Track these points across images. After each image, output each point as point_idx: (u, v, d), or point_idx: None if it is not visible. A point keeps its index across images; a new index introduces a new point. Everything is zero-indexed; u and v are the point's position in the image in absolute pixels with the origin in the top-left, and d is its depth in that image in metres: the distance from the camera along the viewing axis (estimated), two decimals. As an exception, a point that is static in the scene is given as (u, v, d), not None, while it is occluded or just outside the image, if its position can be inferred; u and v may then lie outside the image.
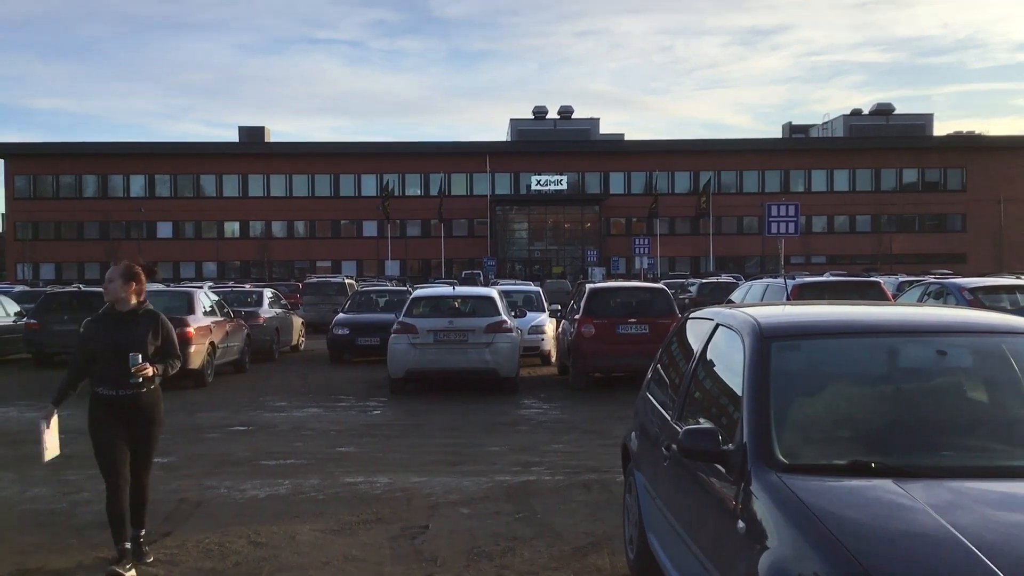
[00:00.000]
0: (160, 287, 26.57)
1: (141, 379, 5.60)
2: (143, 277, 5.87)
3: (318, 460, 9.22)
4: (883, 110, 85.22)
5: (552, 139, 79.90)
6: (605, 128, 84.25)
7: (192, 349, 15.13)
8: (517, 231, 79.64)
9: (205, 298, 17.01)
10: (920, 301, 14.89)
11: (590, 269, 62.18)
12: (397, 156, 76.81)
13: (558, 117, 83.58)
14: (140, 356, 5.59)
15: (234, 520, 6.92)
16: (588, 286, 16.79)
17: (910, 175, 78.88)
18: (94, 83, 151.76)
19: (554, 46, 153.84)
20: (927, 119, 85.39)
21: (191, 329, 15.23)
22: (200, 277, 69.16)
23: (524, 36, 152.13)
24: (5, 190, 76.96)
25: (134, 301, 5.81)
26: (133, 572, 5.48)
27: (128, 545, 5.58)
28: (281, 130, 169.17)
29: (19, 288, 34.43)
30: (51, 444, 5.78)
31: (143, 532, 5.93)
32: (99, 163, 75.58)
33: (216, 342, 16.17)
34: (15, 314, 20.84)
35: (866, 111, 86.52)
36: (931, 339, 4.18)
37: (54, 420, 5.82)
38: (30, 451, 9.88)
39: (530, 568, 5.72)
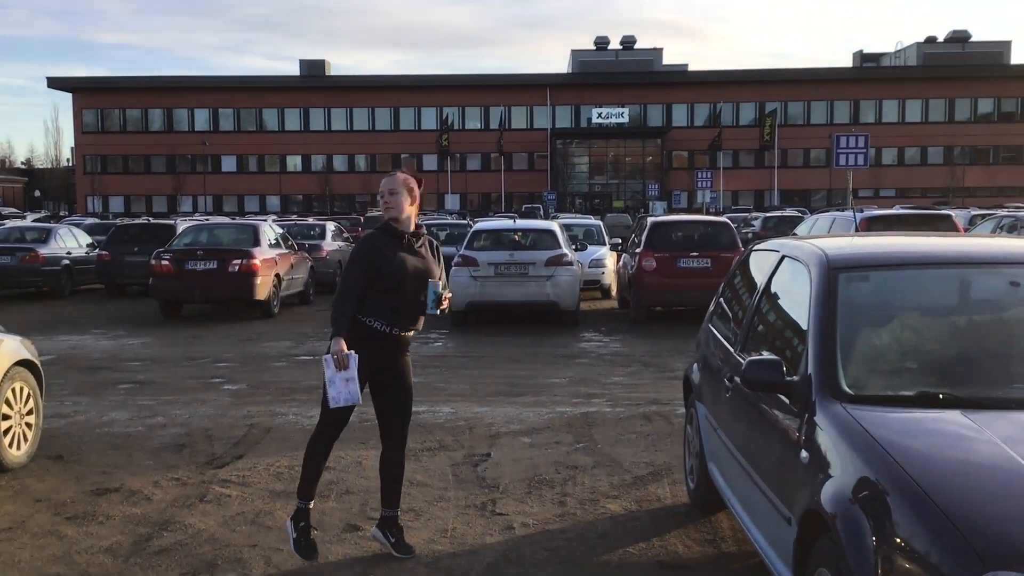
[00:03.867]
0: (225, 220, 27.08)
1: (440, 312, 4.75)
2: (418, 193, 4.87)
3: (382, 389, 9.38)
4: (959, 37, 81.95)
5: (614, 70, 78.55)
6: (668, 59, 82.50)
7: (258, 281, 15.43)
8: (577, 165, 79.02)
9: (270, 231, 17.26)
10: (993, 234, 14.50)
11: (651, 203, 61.60)
12: (457, 89, 76.32)
13: (620, 48, 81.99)
14: (440, 284, 4.73)
15: (302, 445, 7.02)
16: (650, 219, 16.65)
17: (986, 105, 76.13)
18: (157, 16, 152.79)
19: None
20: (1005, 46, 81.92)
21: (257, 261, 15.50)
22: (263, 211, 70.18)
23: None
24: (74, 124, 78.46)
25: (414, 220, 4.86)
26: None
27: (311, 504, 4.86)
28: (341, 63, 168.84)
29: (90, 220, 35.35)
30: (342, 387, 4.61)
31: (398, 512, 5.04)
32: (164, 97, 76.52)
33: (281, 274, 16.44)
34: (87, 246, 21.40)
35: (941, 38, 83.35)
36: (1004, 270, 4.08)
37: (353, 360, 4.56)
38: (105, 377, 10.27)
39: (591, 496, 5.80)
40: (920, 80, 75.79)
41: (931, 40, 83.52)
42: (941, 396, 3.34)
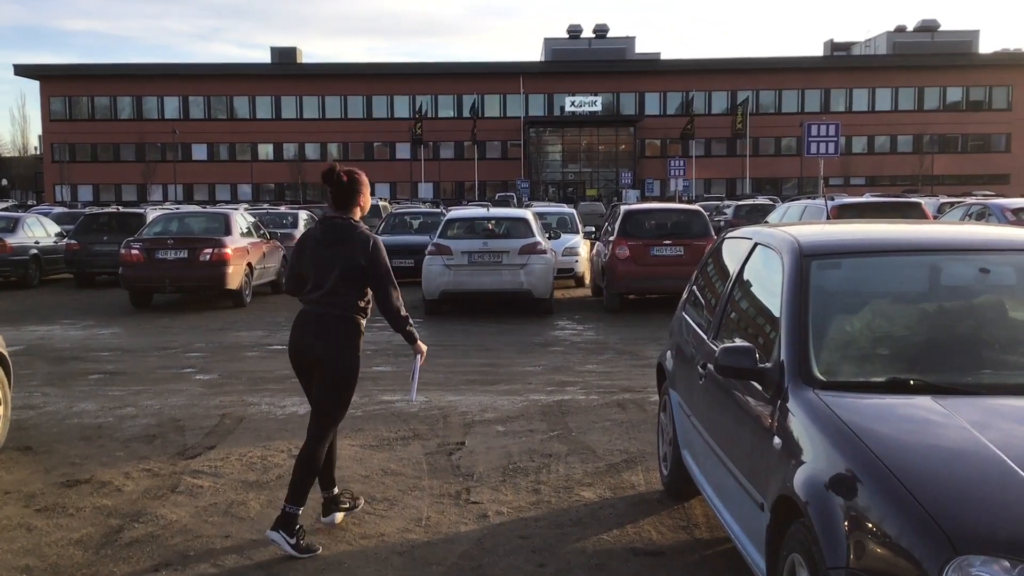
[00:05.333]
0: (196, 208, 26.84)
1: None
2: None
3: (355, 378, 9.34)
4: (928, 27, 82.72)
5: (587, 59, 78.54)
6: (641, 47, 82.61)
7: (230, 270, 15.31)
8: (551, 153, 79.02)
9: (242, 219, 17.12)
10: (962, 222, 14.66)
11: (624, 191, 61.75)
12: (430, 77, 76.04)
13: (593, 36, 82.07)
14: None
15: (275, 435, 7.07)
16: (623, 207, 16.67)
17: (954, 94, 76.90)
18: (125, 3, 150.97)
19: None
20: (973, 35, 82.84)
21: (228, 250, 15.38)
22: (235, 199, 69.63)
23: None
24: (42, 112, 77.39)
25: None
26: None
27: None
28: (313, 51, 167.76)
29: (58, 209, 34.91)
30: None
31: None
32: (133, 85, 75.66)
33: (253, 263, 16.32)
34: (56, 235, 21.14)
35: (910, 27, 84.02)
36: (974, 257, 4.12)
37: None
38: (75, 368, 10.16)
39: (565, 484, 5.81)
40: (890, 69, 76.38)
41: (900, 29, 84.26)
42: (912, 382, 3.37)
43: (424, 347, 5.14)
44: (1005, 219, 13.64)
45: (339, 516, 5.14)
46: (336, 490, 5.17)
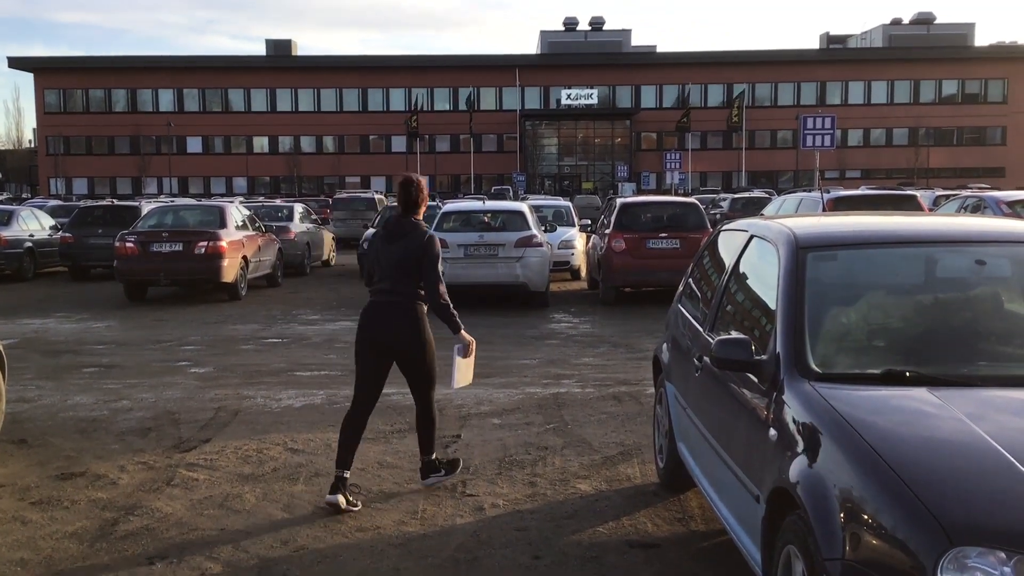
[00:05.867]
0: (191, 201, 26.79)
1: None
2: None
3: (351, 371, 9.24)
4: (923, 19, 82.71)
5: (583, 51, 78.45)
6: (637, 40, 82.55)
7: (225, 263, 15.28)
8: (547, 146, 78.95)
9: (237, 212, 17.08)
10: (957, 214, 14.66)
11: (620, 184, 61.72)
12: (426, 70, 75.91)
13: (589, 28, 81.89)
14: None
15: (271, 428, 7.07)
16: (619, 200, 16.65)
17: (950, 87, 76.95)
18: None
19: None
20: (969, 28, 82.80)
21: (223, 243, 15.35)
22: (230, 192, 69.55)
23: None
24: (36, 105, 77.15)
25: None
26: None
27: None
28: (308, 44, 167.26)
29: (53, 202, 34.82)
30: (465, 372, 5.62)
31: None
32: (128, 77, 75.42)
33: (248, 256, 16.29)
34: (50, 228, 21.08)
35: (906, 20, 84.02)
36: (970, 248, 4.12)
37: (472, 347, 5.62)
38: (69, 361, 10.14)
39: (561, 476, 5.81)
40: (885, 62, 76.41)
41: (896, 22, 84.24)
42: (908, 374, 3.37)
43: (469, 337, 5.54)
44: (1000, 211, 13.64)
45: (434, 479, 5.68)
46: (435, 455, 5.74)
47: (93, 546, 4.74)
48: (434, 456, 5.72)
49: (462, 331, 5.50)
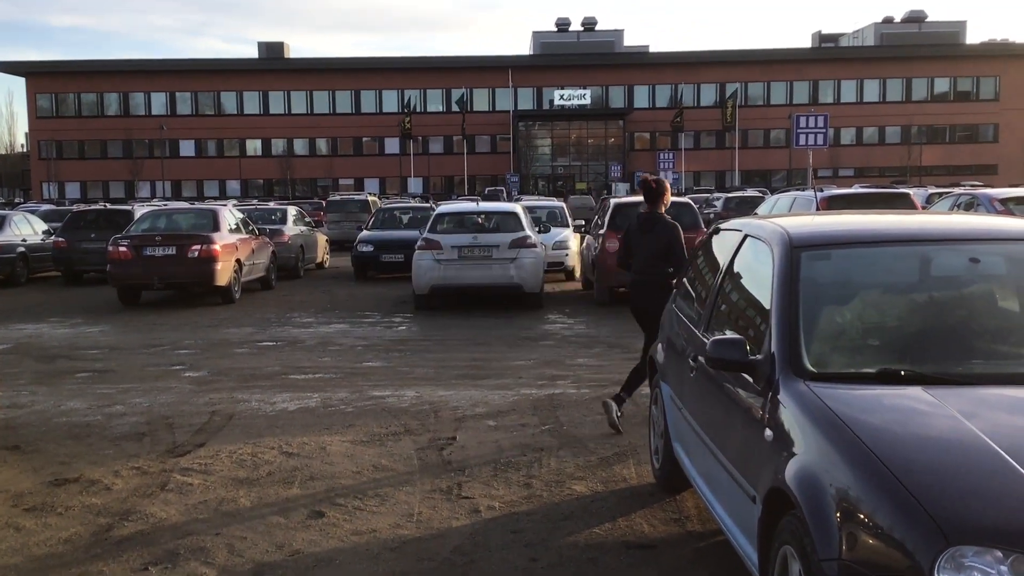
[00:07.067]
0: (185, 205, 26.73)
1: None
2: None
3: (346, 374, 9.34)
4: (915, 18, 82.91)
5: (575, 52, 78.49)
6: (630, 40, 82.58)
7: (219, 266, 15.24)
8: (540, 147, 78.93)
9: (230, 216, 17.04)
10: (950, 212, 14.68)
11: (614, 185, 61.74)
12: (418, 71, 75.86)
13: (581, 29, 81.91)
14: None
15: (266, 432, 7.05)
16: (612, 201, 16.64)
17: (942, 84, 77.11)
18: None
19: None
20: (960, 26, 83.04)
21: (217, 246, 15.31)
22: (223, 195, 69.41)
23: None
24: (28, 109, 76.93)
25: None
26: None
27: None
28: (301, 46, 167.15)
29: (45, 207, 34.72)
30: None
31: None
32: (120, 81, 75.26)
33: (242, 259, 16.25)
34: (43, 232, 21.02)
35: (898, 18, 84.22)
36: (964, 247, 4.11)
37: None
38: (63, 366, 10.10)
39: (557, 478, 5.80)
40: (877, 60, 76.54)
41: (888, 20, 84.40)
42: (903, 373, 3.36)
43: None
44: (993, 209, 13.64)
45: (614, 409, 6.81)
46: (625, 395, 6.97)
47: (87, 552, 4.71)
48: (623, 397, 6.93)
49: None
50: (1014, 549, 2.43)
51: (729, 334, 3.98)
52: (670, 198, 7.22)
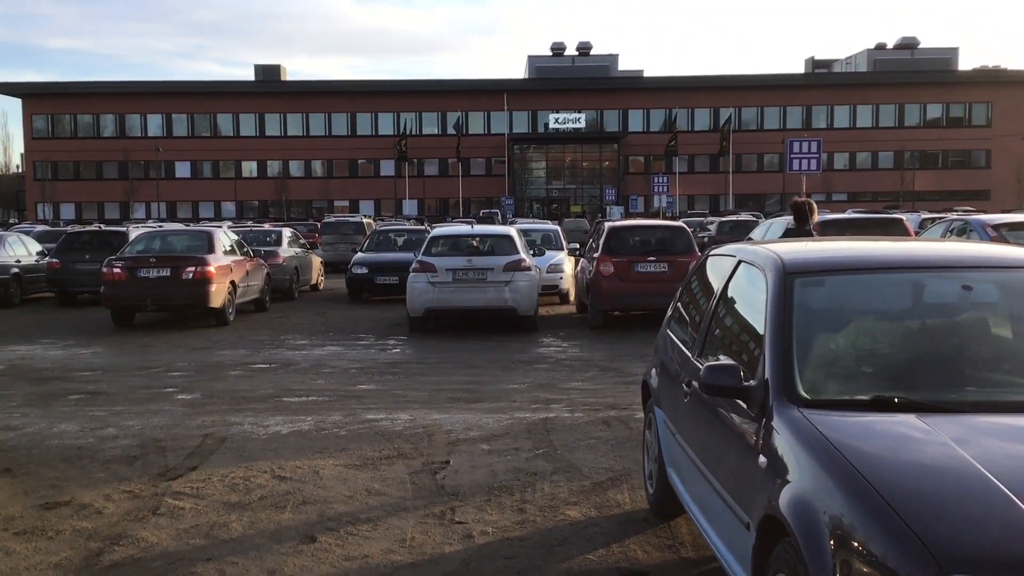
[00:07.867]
0: (179, 226, 26.72)
1: None
2: None
3: (339, 397, 9.31)
4: (908, 44, 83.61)
5: (570, 76, 78.95)
6: (624, 64, 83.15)
7: (213, 288, 15.22)
8: (535, 170, 79.22)
9: (225, 237, 17.04)
10: (943, 238, 14.73)
11: (608, 208, 61.91)
12: (414, 94, 76.21)
13: (576, 54, 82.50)
14: None
15: (258, 455, 7.01)
16: (607, 224, 16.68)
17: (934, 110, 77.65)
18: (107, 22, 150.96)
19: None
20: (953, 53, 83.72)
21: (211, 268, 15.30)
22: (219, 217, 69.36)
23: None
24: (24, 130, 77.05)
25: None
26: None
27: None
28: (297, 69, 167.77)
29: (40, 228, 34.67)
30: None
31: None
32: (116, 103, 75.48)
33: (236, 281, 16.24)
34: (37, 254, 20.98)
35: (890, 45, 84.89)
36: (956, 274, 4.13)
37: None
38: (55, 388, 10.06)
39: (550, 503, 5.78)
40: (870, 86, 77.09)
41: (881, 47, 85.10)
42: (896, 400, 3.36)
43: None
44: (986, 235, 13.71)
45: None
46: None
47: (77, 577, 4.67)
48: None
49: None
50: (1007, 578, 2.42)
51: (723, 359, 3.98)
52: (817, 217, 8.35)
